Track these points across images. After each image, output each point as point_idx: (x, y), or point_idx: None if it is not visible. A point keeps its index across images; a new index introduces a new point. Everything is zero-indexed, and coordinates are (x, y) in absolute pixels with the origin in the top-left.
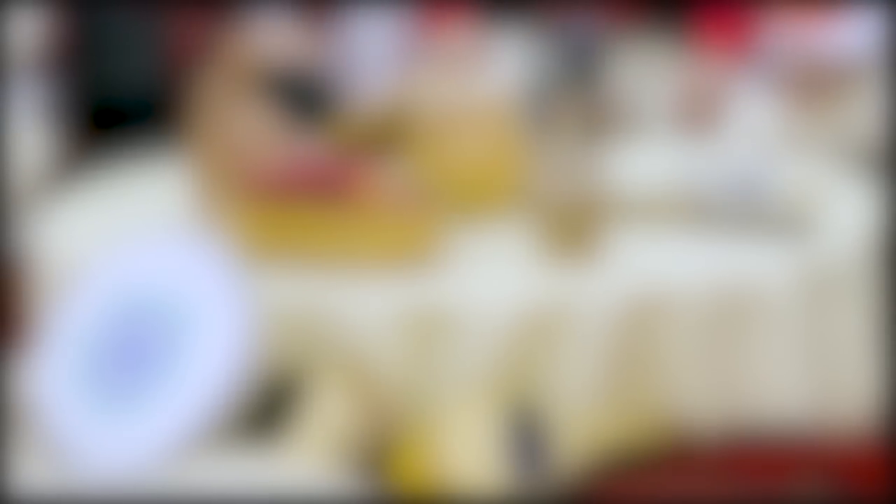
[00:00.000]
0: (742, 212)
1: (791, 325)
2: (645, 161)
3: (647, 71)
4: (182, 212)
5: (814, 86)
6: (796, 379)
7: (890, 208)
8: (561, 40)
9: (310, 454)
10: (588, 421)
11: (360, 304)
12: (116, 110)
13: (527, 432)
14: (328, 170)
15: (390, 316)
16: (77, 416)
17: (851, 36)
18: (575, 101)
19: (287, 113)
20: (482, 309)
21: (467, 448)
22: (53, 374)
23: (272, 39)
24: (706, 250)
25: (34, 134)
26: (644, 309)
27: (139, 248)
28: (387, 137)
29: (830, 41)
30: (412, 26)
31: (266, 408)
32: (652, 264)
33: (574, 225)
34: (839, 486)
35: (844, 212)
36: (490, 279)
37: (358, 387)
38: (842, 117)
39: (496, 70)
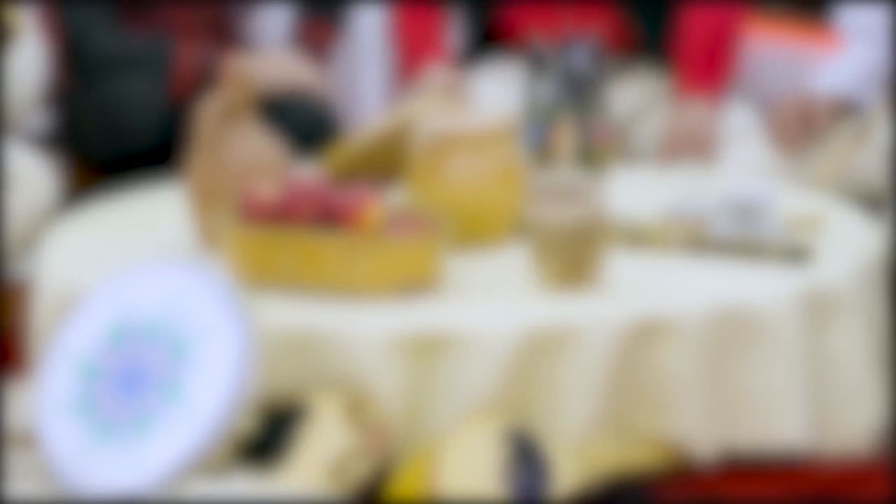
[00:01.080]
0: (741, 237)
1: (791, 350)
2: (643, 188)
3: (638, 100)
4: (182, 238)
5: (804, 122)
6: (796, 403)
7: (890, 235)
8: (559, 67)
9: (308, 478)
10: (587, 444)
11: (360, 330)
12: (119, 138)
13: (526, 456)
14: (327, 196)
15: (390, 341)
16: (74, 441)
17: (847, 66)
18: (574, 128)
19: (286, 139)
20: (482, 334)
21: (466, 472)
22: (51, 399)
23: (271, 66)
24: (706, 275)
25: (35, 161)
26: (644, 333)
27: (139, 273)
28: (386, 164)
29: (824, 74)
30: (404, 53)
31: (265, 433)
32: (652, 289)
33: (574, 251)
34: None
35: (843, 237)
36: (490, 304)
37: (357, 412)
38: (835, 154)
39: (495, 96)
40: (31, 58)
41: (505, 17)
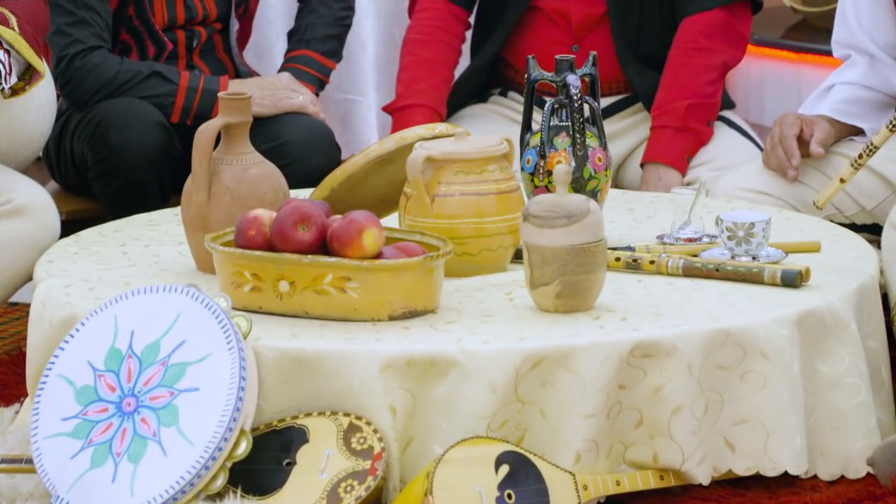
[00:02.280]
0: (737, 262)
1: (787, 374)
2: (638, 213)
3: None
4: (178, 264)
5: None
6: (792, 426)
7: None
8: (556, 93)
9: (304, 502)
10: (584, 468)
11: (356, 354)
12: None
13: (522, 479)
14: (324, 221)
15: (386, 365)
16: (69, 465)
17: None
18: (570, 153)
19: (287, 150)
20: (478, 358)
21: (462, 495)
22: (47, 423)
23: (267, 90)
24: (702, 300)
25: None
26: (640, 357)
27: (135, 299)
28: (383, 188)
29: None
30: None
31: (263, 456)
32: (648, 313)
33: (570, 275)
34: None
35: (840, 261)
36: (486, 329)
37: (354, 436)
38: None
39: (492, 123)
40: (47, 98)
41: (507, 46)
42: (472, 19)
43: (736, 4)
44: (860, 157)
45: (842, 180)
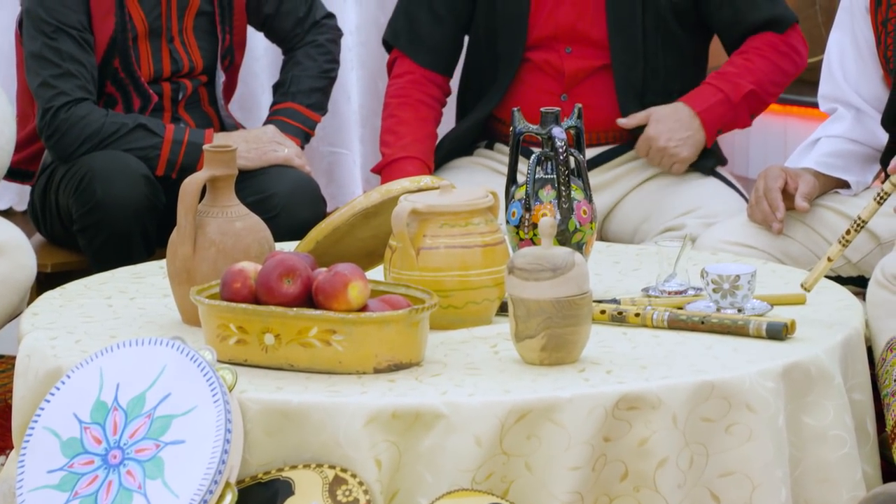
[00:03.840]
0: (722, 314)
1: (772, 426)
2: (623, 265)
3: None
4: (164, 316)
5: (783, 196)
6: (777, 478)
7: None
8: (542, 146)
9: None
10: None
11: (342, 407)
12: (101, 216)
13: None
14: (309, 274)
15: (372, 417)
16: None
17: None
18: (555, 206)
19: (274, 202)
20: (464, 410)
21: None
22: (32, 475)
23: (252, 143)
24: (687, 352)
25: (16, 231)
26: (625, 410)
27: (120, 351)
28: (368, 240)
29: (804, 148)
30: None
31: None
32: (633, 366)
33: (555, 327)
34: None
35: (825, 313)
36: (472, 381)
37: (339, 488)
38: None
39: (478, 175)
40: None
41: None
42: (454, 82)
43: (795, 23)
44: (848, 233)
45: (829, 259)
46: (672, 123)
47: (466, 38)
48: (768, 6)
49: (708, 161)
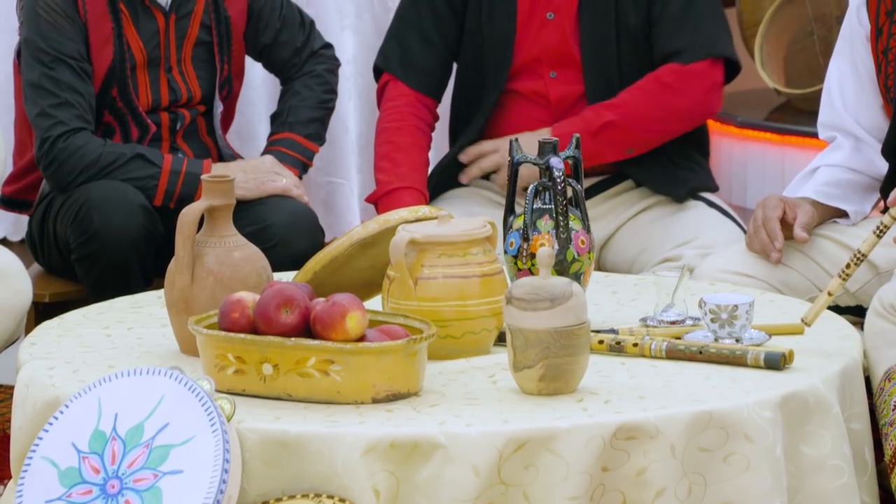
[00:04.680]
0: (720, 344)
1: (770, 456)
2: (621, 295)
3: (612, 213)
4: (162, 346)
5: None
6: None
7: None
8: (539, 175)
9: None
10: None
11: (340, 437)
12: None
13: None
14: (307, 304)
15: (370, 447)
16: None
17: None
18: (553, 235)
19: (272, 232)
20: (462, 441)
21: None
22: (30, 502)
23: (250, 173)
24: (685, 382)
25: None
26: (624, 440)
27: (119, 381)
28: (366, 270)
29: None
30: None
31: None
32: (631, 396)
33: (553, 357)
34: None
35: (823, 343)
36: (470, 411)
37: None
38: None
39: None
40: None
41: (488, 128)
42: (443, 108)
43: (714, 60)
44: (847, 266)
45: (829, 294)
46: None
47: (455, 66)
48: (685, 36)
49: (678, 189)
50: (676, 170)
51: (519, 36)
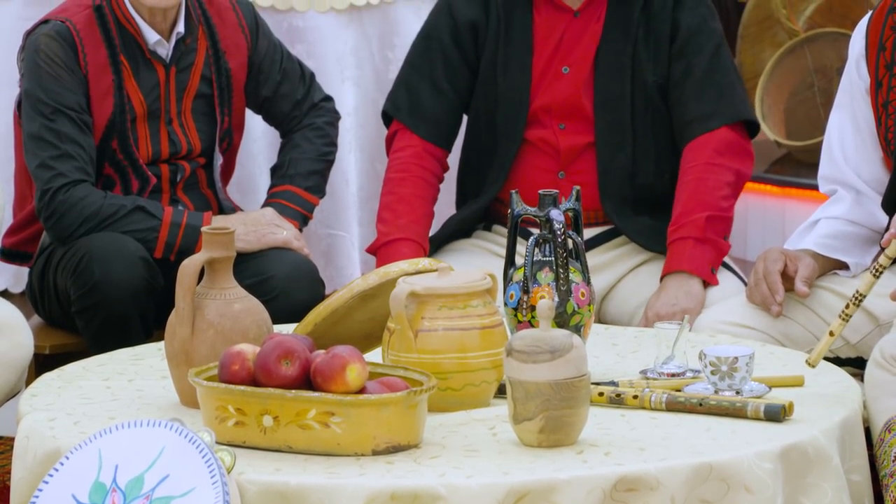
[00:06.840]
0: (720, 396)
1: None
2: (621, 347)
3: (612, 264)
4: (162, 398)
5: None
6: None
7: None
8: (538, 235)
9: None
10: None
11: (340, 489)
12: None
13: None
14: (307, 356)
15: (371, 499)
16: None
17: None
18: (553, 288)
19: (272, 284)
20: (462, 493)
21: None
22: None
23: (251, 225)
24: (685, 433)
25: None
26: (624, 492)
27: (120, 433)
28: (366, 322)
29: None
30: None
31: None
32: (631, 447)
33: (554, 409)
34: None
35: (823, 395)
36: (470, 463)
37: None
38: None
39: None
40: None
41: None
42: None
43: (738, 123)
44: (847, 307)
45: (831, 333)
46: (668, 296)
47: (465, 119)
48: (712, 102)
49: (659, 245)
50: (665, 226)
51: (534, 87)
